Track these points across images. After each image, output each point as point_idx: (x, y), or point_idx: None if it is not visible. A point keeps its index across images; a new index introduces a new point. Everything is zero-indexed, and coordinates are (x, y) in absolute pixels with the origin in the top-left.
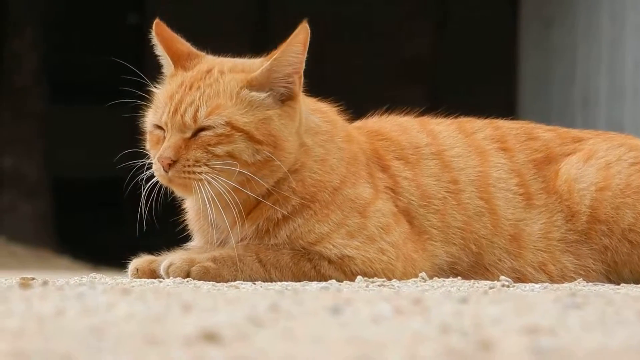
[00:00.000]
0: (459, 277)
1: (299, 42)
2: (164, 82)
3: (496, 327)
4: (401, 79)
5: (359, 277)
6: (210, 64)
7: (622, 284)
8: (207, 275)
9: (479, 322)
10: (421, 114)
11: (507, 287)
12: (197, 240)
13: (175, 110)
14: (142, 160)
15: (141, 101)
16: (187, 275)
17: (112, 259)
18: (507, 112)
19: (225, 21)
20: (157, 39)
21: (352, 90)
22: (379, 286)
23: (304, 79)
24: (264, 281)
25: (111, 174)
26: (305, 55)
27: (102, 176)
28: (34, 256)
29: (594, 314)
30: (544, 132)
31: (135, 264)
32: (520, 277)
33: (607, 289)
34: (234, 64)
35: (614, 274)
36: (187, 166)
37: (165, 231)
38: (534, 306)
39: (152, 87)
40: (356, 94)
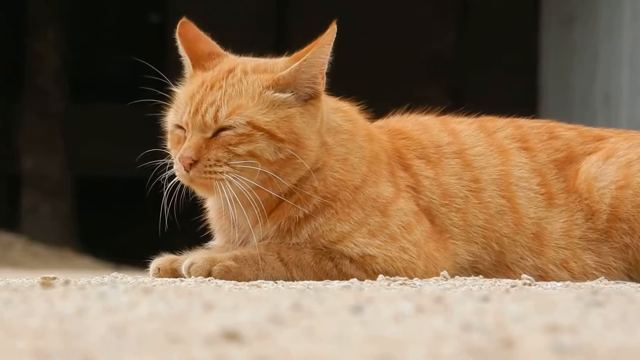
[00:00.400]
0: (481, 276)
1: (328, 43)
2: (185, 82)
3: (518, 325)
4: (422, 77)
5: (381, 276)
6: (232, 64)
7: None
8: (228, 274)
9: (501, 321)
10: (442, 113)
11: (529, 285)
12: (218, 239)
13: (196, 110)
14: (164, 159)
15: (162, 101)
16: (209, 274)
17: (134, 258)
18: (528, 110)
19: (246, 20)
20: (179, 40)
21: (373, 89)
22: (401, 285)
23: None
24: (286, 280)
25: (133, 173)
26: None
27: (124, 176)
28: (56, 256)
29: (615, 312)
30: (566, 131)
31: (156, 263)
32: (542, 275)
33: (628, 287)
34: (257, 63)
35: (635, 272)
36: (209, 166)
37: (186, 230)
38: (555, 304)
39: (173, 87)
40: (377, 93)
